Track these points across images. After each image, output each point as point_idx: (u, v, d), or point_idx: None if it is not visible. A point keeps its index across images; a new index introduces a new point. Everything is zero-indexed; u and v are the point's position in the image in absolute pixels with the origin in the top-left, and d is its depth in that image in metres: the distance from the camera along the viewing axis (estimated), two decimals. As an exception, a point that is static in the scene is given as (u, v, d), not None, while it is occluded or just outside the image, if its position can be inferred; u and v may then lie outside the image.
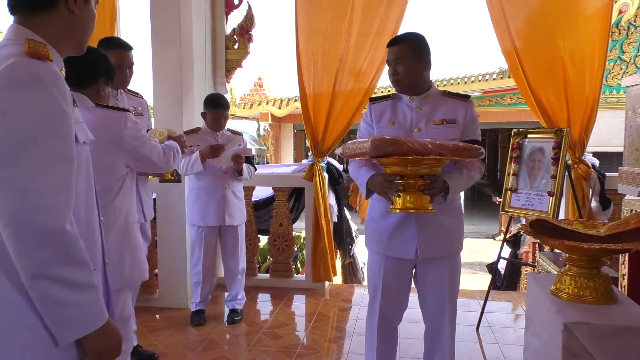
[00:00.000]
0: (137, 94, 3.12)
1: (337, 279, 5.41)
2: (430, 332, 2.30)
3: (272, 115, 15.11)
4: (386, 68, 2.25)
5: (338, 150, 2.20)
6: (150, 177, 2.80)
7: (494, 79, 12.76)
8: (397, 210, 1.99)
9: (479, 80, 12.95)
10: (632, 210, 2.52)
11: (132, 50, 2.82)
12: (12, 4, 1.17)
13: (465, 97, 2.22)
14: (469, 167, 2.15)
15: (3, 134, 0.98)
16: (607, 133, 9.91)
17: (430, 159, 1.89)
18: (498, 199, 7.69)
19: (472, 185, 2.32)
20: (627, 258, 2.38)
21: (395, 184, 1.98)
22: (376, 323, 2.26)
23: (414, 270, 2.26)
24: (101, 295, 1.11)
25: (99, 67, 2.00)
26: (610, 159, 9.87)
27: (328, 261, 4.25)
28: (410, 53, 2.14)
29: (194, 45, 3.89)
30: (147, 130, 2.67)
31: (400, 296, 2.27)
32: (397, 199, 1.98)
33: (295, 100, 13.79)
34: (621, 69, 11.54)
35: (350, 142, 2.11)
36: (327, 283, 4.41)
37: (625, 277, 2.37)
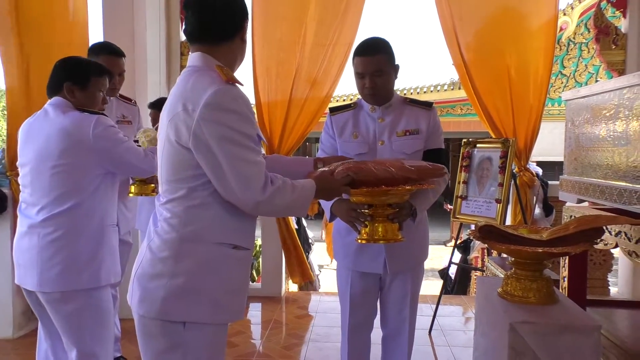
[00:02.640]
0: (130, 100, 3.06)
1: (293, 287, 5.42)
2: (389, 338, 2.28)
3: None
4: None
5: None
6: (130, 194, 2.68)
7: (445, 89, 13.19)
8: (364, 242, 1.82)
9: (431, 91, 13.35)
10: (571, 216, 2.66)
11: (124, 57, 2.81)
12: (199, 36, 1.48)
13: (428, 105, 2.15)
14: (433, 181, 1.97)
15: (231, 138, 1.37)
16: (549, 143, 10.38)
17: (400, 189, 1.71)
18: (449, 206, 7.93)
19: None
20: (567, 261, 2.52)
21: (362, 213, 1.81)
22: (347, 332, 2.24)
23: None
24: (294, 185, 1.49)
25: (64, 74, 2.08)
26: (552, 168, 10.34)
27: (304, 262, 4.30)
28: (388, 64, 2.03)
29: (148, 52, 3.83)
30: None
31: (368, 307, 2.23)
32: (364, 228, 1.81)
33: (251, 108, 13.72)
34: (562, 82, 12.18)
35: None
36: (282, 290, 4.41)
37: (566, 279, 2.51)
